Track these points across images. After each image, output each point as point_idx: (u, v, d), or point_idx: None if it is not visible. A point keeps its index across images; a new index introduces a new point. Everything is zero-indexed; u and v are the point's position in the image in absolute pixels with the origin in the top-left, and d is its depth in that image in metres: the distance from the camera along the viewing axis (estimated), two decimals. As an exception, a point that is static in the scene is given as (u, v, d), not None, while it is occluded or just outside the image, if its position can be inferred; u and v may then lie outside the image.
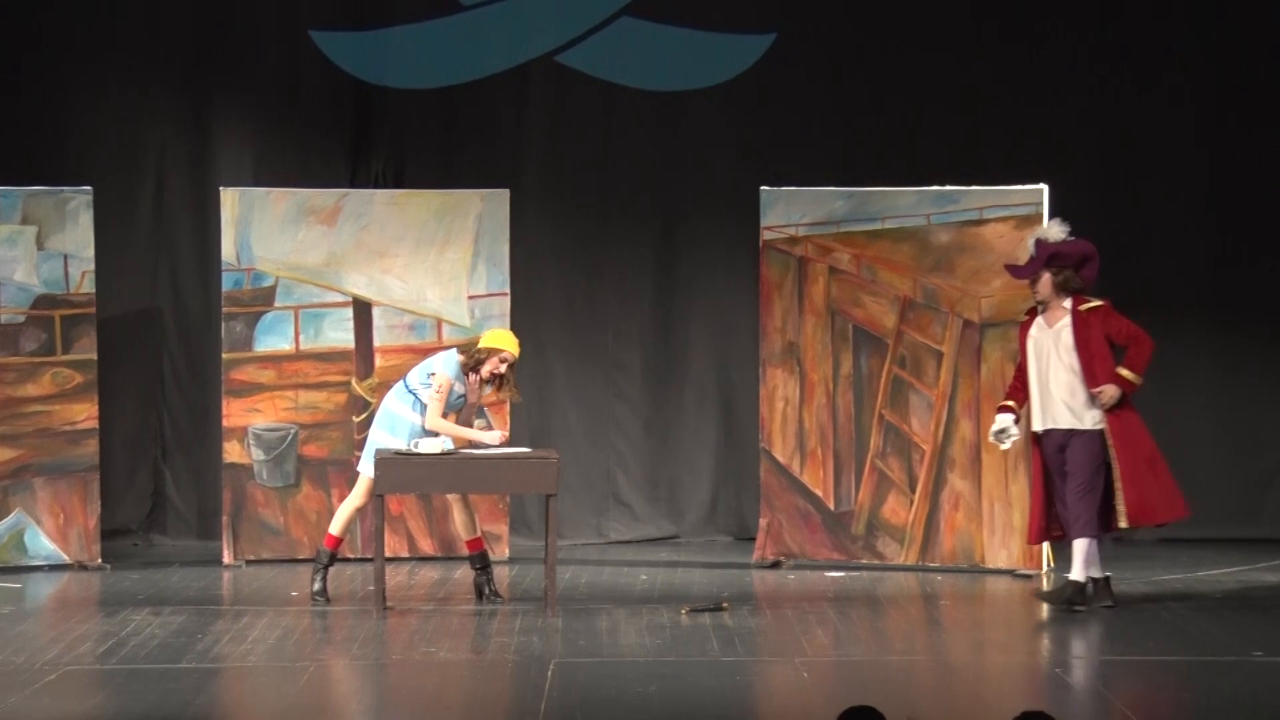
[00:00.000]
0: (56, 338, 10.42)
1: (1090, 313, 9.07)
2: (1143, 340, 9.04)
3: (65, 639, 8.36)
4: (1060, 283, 9.08)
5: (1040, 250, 9.12)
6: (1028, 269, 9.17)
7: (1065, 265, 9.08)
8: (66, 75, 11.16)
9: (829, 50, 11.43)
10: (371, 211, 10.74)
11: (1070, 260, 9.09)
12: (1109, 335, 9.04)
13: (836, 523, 10.47)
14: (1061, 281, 9.08)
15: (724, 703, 7.28)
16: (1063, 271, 9.07)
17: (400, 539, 10.66)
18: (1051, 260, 9.08)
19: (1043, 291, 9.13)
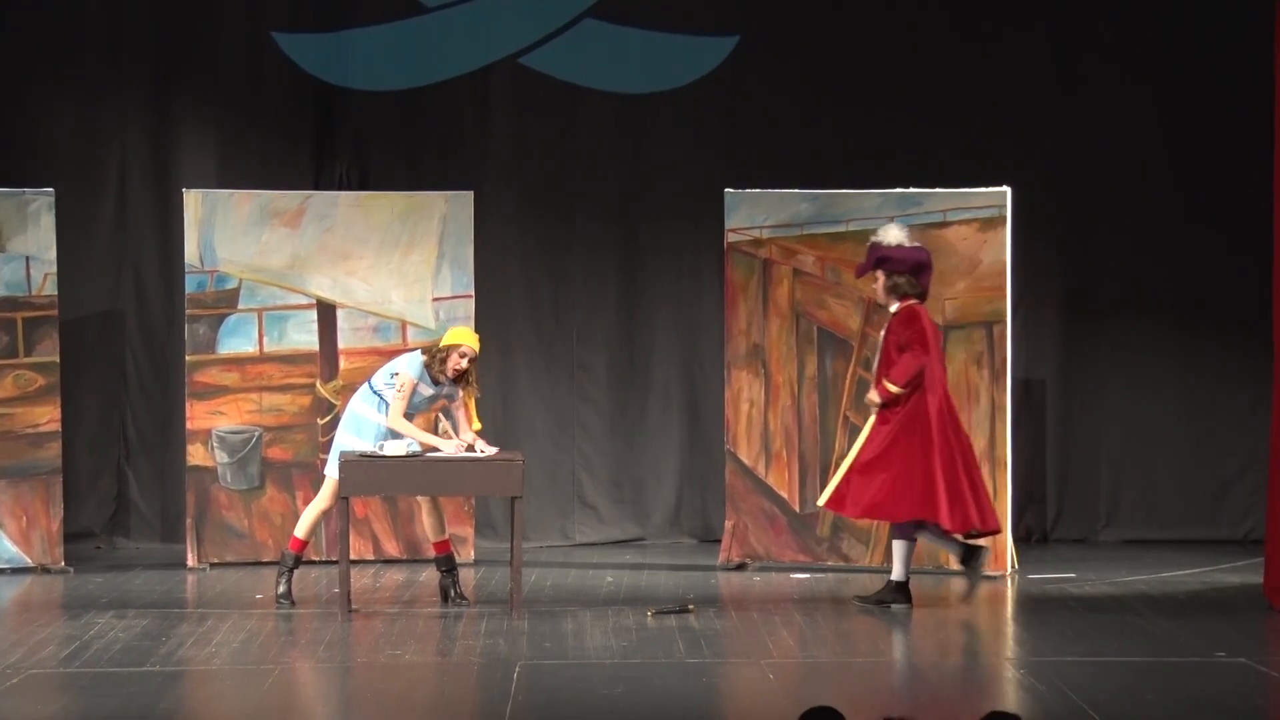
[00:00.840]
0: (18, 340, 10.36)
1: (894, 316, 9.23)
2: (912, 351, 9.13)
3: (28, 642, 8.32)
4: (890, 286, 9.23)
5: (872, 252, 9.31)
6: (860, 269, 9.38)
7: (897, 270, 9.20)
8: (28, 76, 11.10)
9: (792, 52, 11.44)
10: (335, 213, 10.72)
11: (903, 266, 9.22)
12: (899, 340, 9.20)
13: (802, 525, 10.48)
14: (891, 285, 9.22)
15: (690, 704, 7.28)
16: (893, 276, 9.21)
17: (365, 541, 10.63)
18: (882, 263, 9.22)
19: (876, 294, 9.33)
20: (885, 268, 9.22)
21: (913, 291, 9.23)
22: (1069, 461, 11.50)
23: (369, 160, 11.46)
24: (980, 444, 10.17)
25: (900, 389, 9.13)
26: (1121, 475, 11.48)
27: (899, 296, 9.23)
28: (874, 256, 9.26)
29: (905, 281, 9.21)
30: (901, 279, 9.21)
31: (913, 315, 9.20)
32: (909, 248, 9.28)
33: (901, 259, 9.22)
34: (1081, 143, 11.45)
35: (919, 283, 9.25)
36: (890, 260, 9.22)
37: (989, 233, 10.24)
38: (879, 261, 9.23)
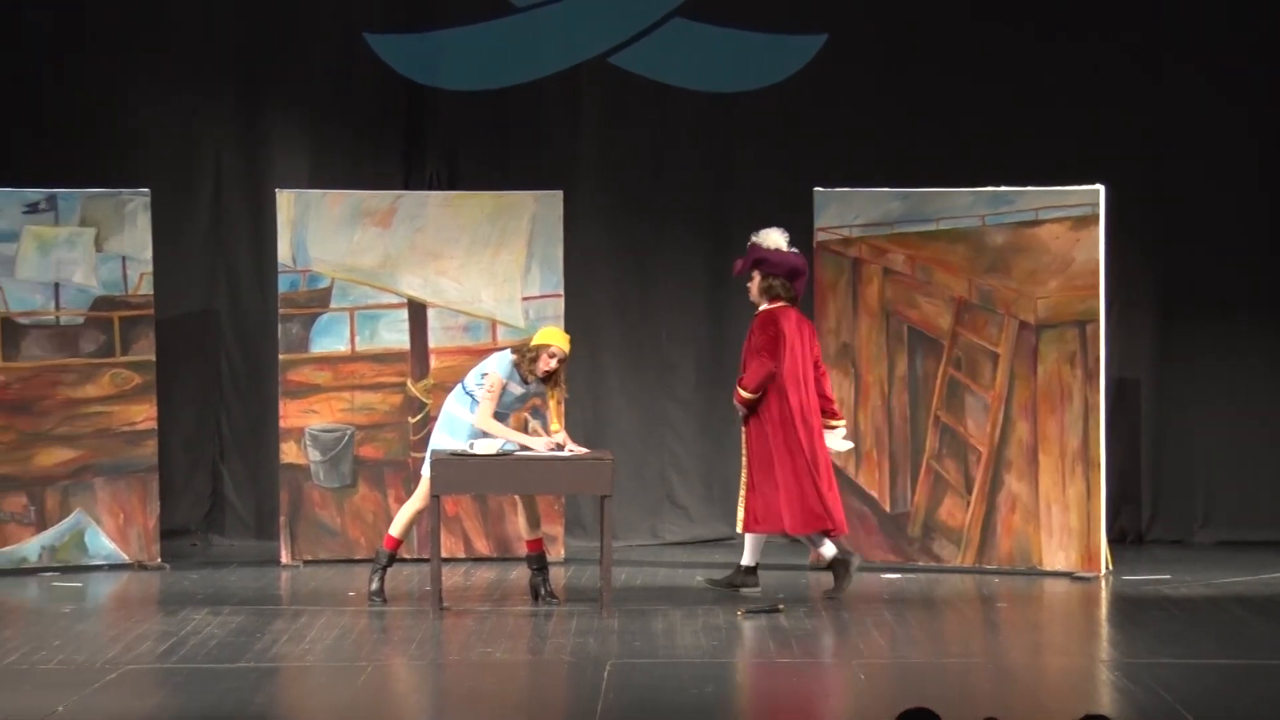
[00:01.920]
0: (115, 339, 10.49)
1: (755, 318, 9.52)
2: (760, 358, 9.43)
3: (125, 638, 8.42)
4: (764, 288, 9.52)
5: (751, 253, 9.57)
6: (738, 268, 9.64)
7: (773, 273, 9.47)
8: (125, 78, 11.23)
9: (882, 50, 11.40)
10: (426, 213, 10.77)
11: (779, 269, 9.51)
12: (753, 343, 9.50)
13: (892, 524, 10.44)
14: (765, 287, 9.51)
15: (781, 704, 7.27)
16: (769, 278, 9.49)
17: (456, 540, 10.69)
18: (759, 265, 9.49)
19: (751, 293, 9.59)
20: (762, 269, 9.51)
21: (785, 295, 9.52)
22: (1164, 462, 11.40)
23: (459, 160, 11.51)
24: (1073, 444, 10.11)
25: (751, 394, 9.44)
26: (1217, 475, 11.36)
27: (771, 298, 9.53)
28: (752, 257, 9.55)
29: (779, 284, 9.51)
30: (776, 282, 9.51)
31: (770, 319, 9.49)
32: (786, 252, 9.58)
33: (778, 263, 9.52)
34: (1175, 141, 11.34)
35: (792, 287, 9.55)
36: (767, 263, 9.51)
37: (1082, 231, 10.16)
38: (756, 263, 9.53)
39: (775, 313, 9.49)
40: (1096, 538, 10.08)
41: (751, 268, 9.55)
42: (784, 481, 9.46)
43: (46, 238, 10.38)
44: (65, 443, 10.35)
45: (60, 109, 11.14)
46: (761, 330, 9.48)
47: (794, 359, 9.48)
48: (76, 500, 10.38)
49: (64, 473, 10.37)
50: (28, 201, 10.35)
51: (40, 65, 11.15)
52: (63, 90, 11.17)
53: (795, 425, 9.45)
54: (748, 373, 9.46)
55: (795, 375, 9.49)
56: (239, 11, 11.36)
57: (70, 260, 10.41)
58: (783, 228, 9.69)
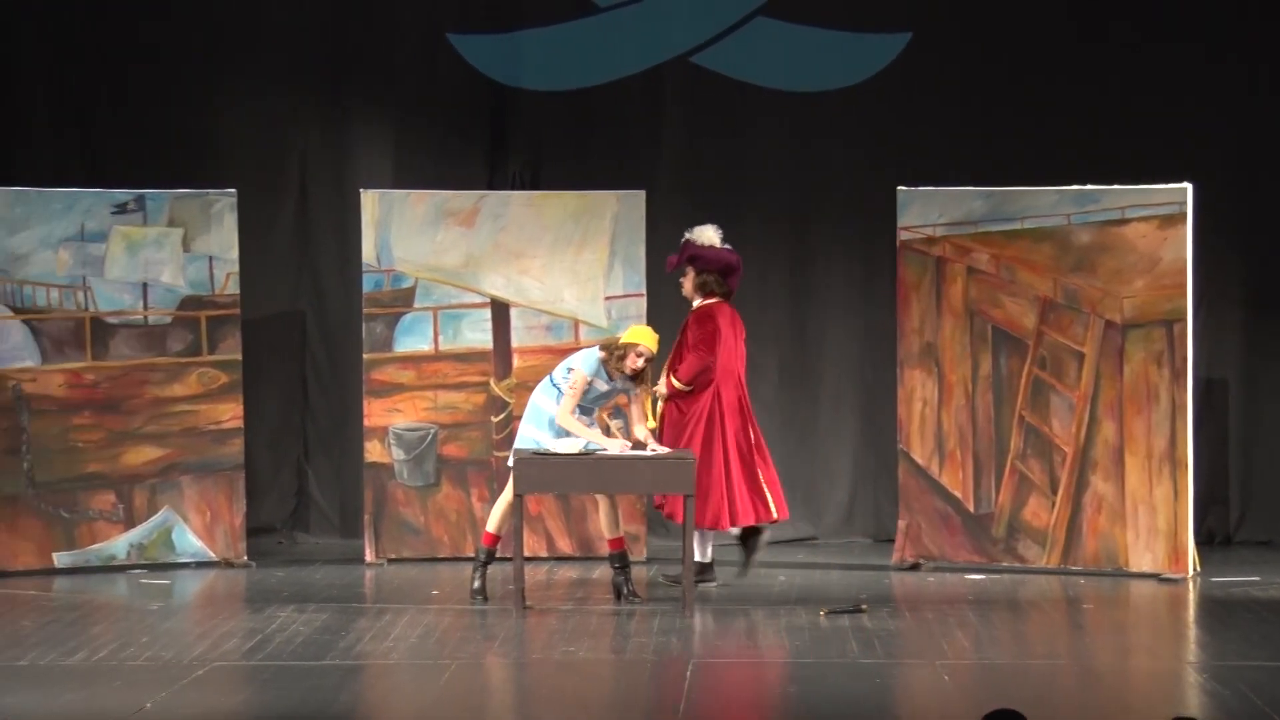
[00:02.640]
0: (202, 338, 10.58)
1: (692, 313, 9.69)
2: (697, 351, 9.59)
3: (212, 635, 8.49)
4: (699, 284, 9.70)
5: (685, 249, 9.73)
6: (672, 264, 9.79)
7: (707, 269, 9.67)
8: (211, 80, 11.33)
9: (966, 48, 11.34)
10: (509, 213, 10.81)
11: (713, 265, 9.69)
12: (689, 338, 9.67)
13: (976, 525, 10.38)
14: (700, 283, 9.70)
15: (864, 705, 7.25)
16: (703, 274, 9.68)
17: (539, 539, 10.72)
18: (694, 261, 9.69)
19: (685, 289, 9.77)
20: (696, 266, 9.70)
21: (719, 290, 9.72)
22: (1252, 462, 11.28)
23: (542, 160, 11.54)
24: (1160, 444, 10.02)
25: (685, 386, 9.60)
26: (1307, 476, 11.24)
27: (705, 294, 9.73)
28: (686, 254, 9.72)
29: (714, 280, 9.71)
30: (710, 277, 9.70)
31: (708, 314, 9.68)
32: (720, 249, 9.76)
33: (713, 259, 9.71)
34: (1263, 139, 11.22)
35: (726, 283, 9.73)
36: (701, 259, 9.68)
37: (1169, 230, 10.07)
38: (691, 259, 9.68)
39: (712, 308, 9.70)
40: (1184, 539, 9.98)
41: (686, 264, 9.73)
42: (716, 476, 9.61)
43: (135, 238, 10.49)
44: (153, 441, 10.46)
45: (149, 111, 11.25)
46: (699, 325, 9.67)
47: (729, 355, 9.71)
48: (164, 498, 10.49)
49: (152, 471, 10.48)
50: (116, 202, 10.47)
51: (130, 68, 11.27)
52: (151, 92, 11.27)
53: (724, 420, 9.65)
54: (684, 365, 9.63)
55: (729, 371, 9.70)
56: (325, 14, 11.43)
57: (158, 260, 10.51)
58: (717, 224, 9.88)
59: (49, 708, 7.17)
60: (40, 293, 10.27)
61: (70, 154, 11.20)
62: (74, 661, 7.92)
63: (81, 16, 11.25)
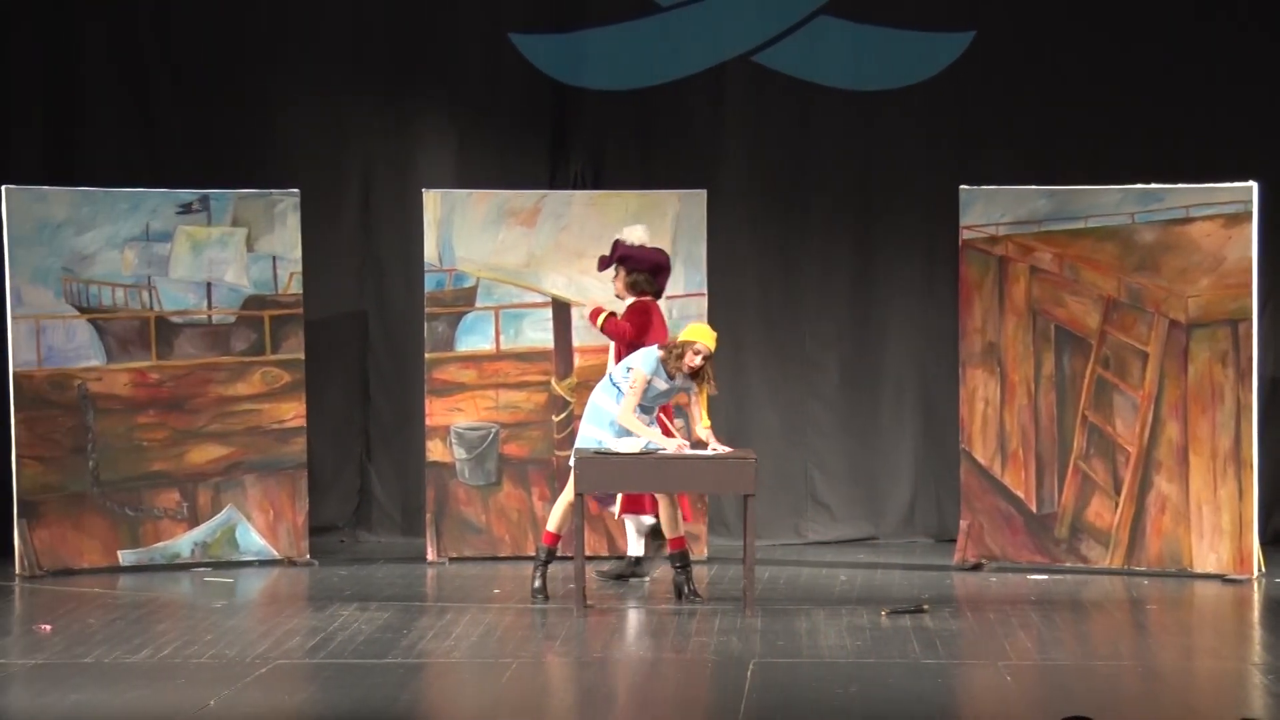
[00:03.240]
0: (266, 338, 10.65)
1: (627, 309, 9.81)
2: (626, 324, 9.78)
3: (275, 633, 8.54)
4: (630, 283, 9.84)
5: (615, 249, 9.82)
6: (602, 264, 9.91)
7: (637, 268, 9.82)
8: (274, 80, 11.40)
9: (1029, 47, 11.28)
10: (570, 212, 10.83)
11: (643, 265, 9.83)
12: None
13: (1039, 525, 10.33)
14: (631, 282, 9.84)
15: (925, 705, 7.22)
16: (634, 273, 9.82)
17: (600, 538, 10.73)
18: (624, 261, 9.82)
19: (616, 288, 9.90)
20: (627, 265, 9.83)
21: (650, 289, 9.87)
22: (1319, 463, 11.17)
23: (603, 159, 11.55)
24: (1225, 444, 9.94)
25: (597, 327, 9.82)
26: (1373, 477, 11.12)
27: (637, 293, 9.85)
28: (617, 254, 9.85)
29: (644, 279, 9.84)
30: (640, 277, 9.84)
31: (645, 309, 9.83)
32: (650, 249, 9.89)
33: (642, 258, 9.84)
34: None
35: (656, 282, 9.88)
36: (632, 259, 9.82)
37: (1234, 229, 9.99)
38: (622, 259, 9.81)
39: (648, 304, 9.86)
40: (1249, 539, 9.90)
41: (617, 264, 9.84)
42: None
43: (199, 238, 10.57)
44: (217, 440, 10.53)
45: (213, 111, 11.32)
46: (635, 313, 9.83)
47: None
48: (228, 497, 10.56)
49: (216, 469, 10.55)
50: (181, 202, 10.54)
51: (195, 68, 11.35)
52: (216, 92, 11.35)
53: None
54: (610, 321, 9.81)
55: None
56: (388, 14, 11.48)
57: (222, 260, 10.58)
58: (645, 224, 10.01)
59: (114, 704, 7.23)
60: (106, 292, 10.36)
61: (136, 154, 11.28)
62: (139, 659, 7.99)
63: (147, 17, 11.34)
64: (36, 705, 7.20)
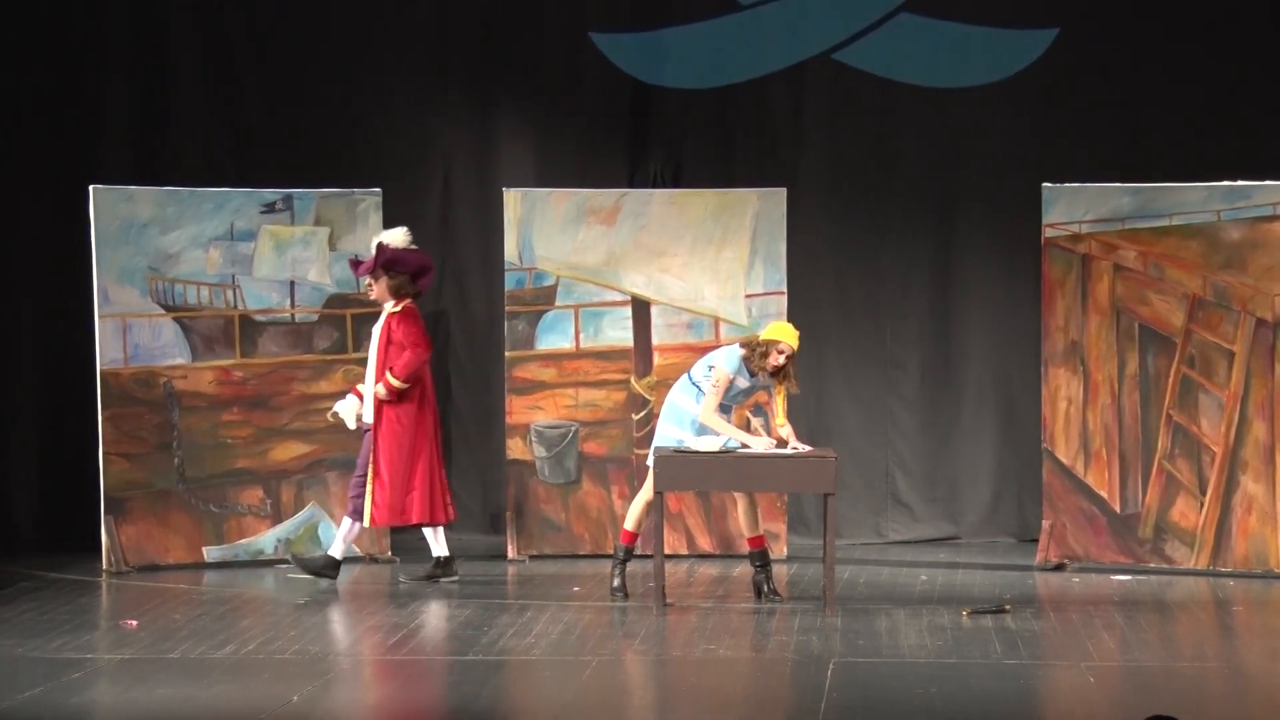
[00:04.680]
0: (348, 336, 10.72)
1: (393, 315, 9.78)
2: (415, 349, 9.72)
3: (357, 630, 8.59)
4: (394, 287, 9.82)
5: (380, 253, 9.73)
6: (365, 267, 9.84)
7: (401, 271, 9.81)
8: (357, 80, 11.46)
9: (1114, 44, 11.19)
10: (650, 211, 10.83)
11: (406, 268, 9.84)
12: (399, 338, 9.77)
13: (1123, 525, 10.25)
14: (394, 286, 9.81)
15: (1007, 706, 7.18)
16: (397, 277, 9.79)
17: (679, 536, 10.73)
18: (391, 265, 9.80)
19: (377, 292, 9.84)
20: (394, 269, 9.83)
21: (410, 292, 9.86)
22: None
23: (683, 157, 11.55)
24: (1311, 445, 9.83)
25: (402, 384, 9.71)
26: None
27: (399, 296, 9.83)
28: (383, 258, 9.80)
29: (406, 282, 9.84)
30: (404, 279, 9.83)
31: (413, 313, 9.85)
32: (414, 251, 9.91)
33: (408, 261, 9.86)
34: None
35: (417, 285, 9.89)
36: (399, 262, 9.83)
37: (1322, 226, 9.88)
38: (389, 263, 9.78)
39: (415, 308, 9.87)
40: (1337, 541, 9.79)
41: (382, 267, 9.79)
42: (420, 472, 9.78)
43: (282, 237, 10.65)
44: (300, 437, 10.60)
45: (296, 111, 11.40)
46: (410, 323, 9.81)
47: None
48: (310, 494, 10.63)
49: (298, 467, 10.62)
50: (265, 202, 10.63)
51: (279, 68, 11.43)
52: (298, 92, 11.43)
53: (432, 415, 9.86)
54: (403, 363, 9.72)
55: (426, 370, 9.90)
56: (470, 13, 11.52)
57: (305, 259, 10.66)
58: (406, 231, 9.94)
59: (199, 700, 7.30)
60: (191, 291, 10.45)
61: (221, 154, 11.38)
62: (223, 654, 8.06)
63: (232, 17, 11.43)
64: (123, 700, 7.28)
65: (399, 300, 9.85)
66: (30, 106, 11.27)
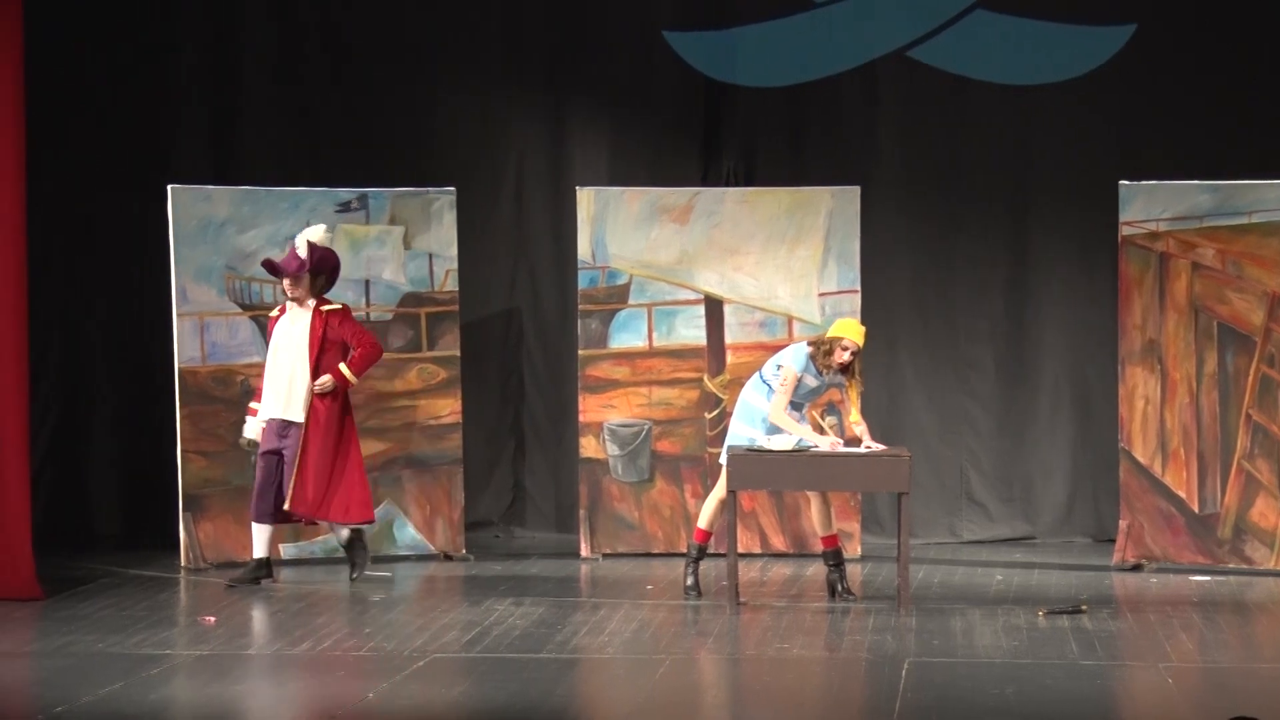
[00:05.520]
0: (422, 334, 10.76)
1: (330, 314, 9.68)
2: (371, 346, 9.71)
3: (432, 627, 8.63)
4: (317, 286, 9.72)
5: (313, 252, 9.67)
6: (299, 265, 9.65)
7: (323, 270, 9.74)
8: (431, 80, 11.50)
9: (1193, 40, 11.09)
10: (722, 209, 10.82)
11: (329, 265, 9.76)
12: (343, 337, 9.65)
13: (1201, 525, 10.16)
14: (319, 286, 9.73)
15: (1084, 707, 7.13)
16: (320, 275, 9.72)
17: (753, 535, 10.72)
18: (320, 264, 9.70)
19: (299, 291, 9.67)
20: (320, 267, 9.70)
21: (324, 291, 9.76)
22: None
23: (756, 156, 11.53)
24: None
25: (357, 379, 9.71)
26: None
27: (319, 295, 9.74)
28: (317, 255, 9.67)
29: (325, 282, 9.76)
30: (323, 278, 9.74)
31: (345, 311, 9.78)
32: (331, 250, 9.83)
33: (329, 260, 9.77)
34: None
35: (329, 284, 9.79)
36: (325, 261, 9.74)
37: (1404, 223, 9.76)
38: (318, 262, 9.67)
39: (347, 307, 9.82)
40: None
41: (313, 266, 9.67)
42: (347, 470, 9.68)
43: (358, 236, 10.70)
44: (375, 435, 10.65)
45: (371, 110, 11.45)
46: (352, 321, 9.77)
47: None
48: (385, 492, 10.68)
49: (373, 465, 10.66)
50: (340, 201, 10.69)
51: (353, 68, 11.49)
52: (374, 92, 11.48)
53: (351, 414, 9.81)
54: (360, 356, 9.66)
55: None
56: (542, 12, 11.55)
57: (380, 258, 10.71)
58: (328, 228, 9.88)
59: (275, 696, 7.35)
60: (268, 290, 10.51)
61: (297, 153, 11.45)
62: (299, 651, 8.10)
63: (307, 16, 11.50)
64: (201, 696, 7.34)
65: (320, 300, 9.75)
66: (109, 108, 11.37)
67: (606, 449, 10.79)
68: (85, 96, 11.34)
